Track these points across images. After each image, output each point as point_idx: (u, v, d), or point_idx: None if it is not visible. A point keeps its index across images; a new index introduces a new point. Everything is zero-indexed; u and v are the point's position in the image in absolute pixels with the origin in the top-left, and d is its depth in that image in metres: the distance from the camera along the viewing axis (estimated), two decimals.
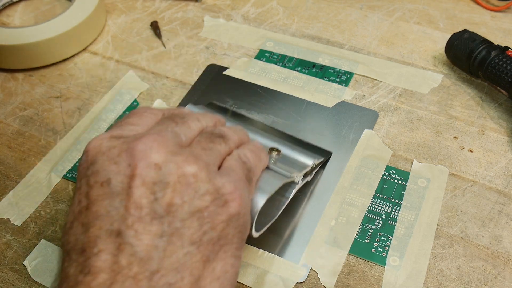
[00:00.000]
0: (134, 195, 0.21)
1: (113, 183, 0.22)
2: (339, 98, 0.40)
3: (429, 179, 0.34)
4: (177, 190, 0.21)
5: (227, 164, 0.25)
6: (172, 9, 0.50)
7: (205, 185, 0.22)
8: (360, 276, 0.30)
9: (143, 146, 0.22)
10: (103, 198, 0.21)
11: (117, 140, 0.23)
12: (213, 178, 0.22)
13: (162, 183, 0.21)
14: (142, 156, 0.22)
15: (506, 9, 0.48)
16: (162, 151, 0.22)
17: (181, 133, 0.25)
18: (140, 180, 0.21)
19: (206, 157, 0.24)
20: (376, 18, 0.48)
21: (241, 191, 0.23)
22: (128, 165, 0.22)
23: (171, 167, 0.22)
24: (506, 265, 0.30)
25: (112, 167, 0.22)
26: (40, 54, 0.43)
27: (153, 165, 0.22)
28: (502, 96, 0.40)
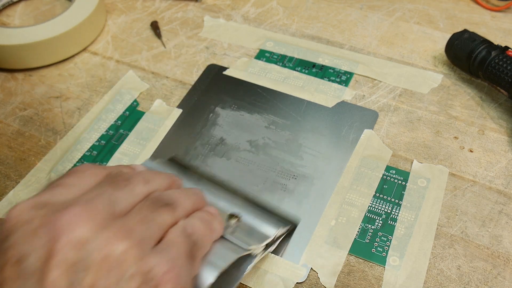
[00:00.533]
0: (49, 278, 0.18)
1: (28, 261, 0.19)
2: (339, 98, 0.40)
3: (429, 179, 0.34)
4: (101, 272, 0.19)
5: (167, 238, 0.22)
6: (172, 9, 0.50)
7: (134, 266, 0.19)
8: (360, 276, 0.30)
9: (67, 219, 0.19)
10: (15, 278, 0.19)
11: (40, 210, 0.20)
12: (144, 257, 0.20)
13: (83, 263, 0.19)
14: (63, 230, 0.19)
15: (506, 9, 0.48)
16: (88, 225, 0.19)
17: (118, 200, 0.22)
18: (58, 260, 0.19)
19: (142, 231, 0.21)
20: (376, 18, 0.48)
21: (178, 270, 0.21)
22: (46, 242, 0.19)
23: (96, 244, 0.19)
24: (506, 265, 0.30)
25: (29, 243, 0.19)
26: (40, 54, 0.43)
27: (75, 242, 0.19)
28: (502, 96, 0.40)
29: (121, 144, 0.38)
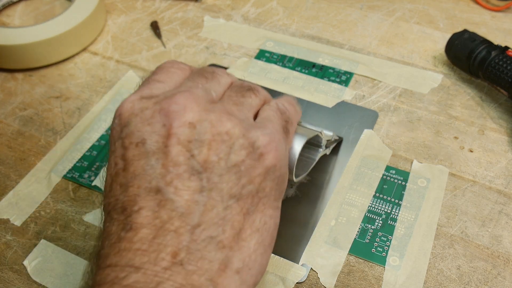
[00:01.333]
0: (171, 153, 0.21)
1: (148, 143, 0.22)
2: (339, 98, 0.40)
3: (429, 179, 0.34)
4: (213, 147, 0.22)
5: (264, 114, 0.25)
6: (172, 9, 0.50)
7: (240, 140, 0.22)
8: (360, 276, 0.30)
9: (176, 106, 0.22)
10: (140, 158, 0.21)
11: (149, 101, 0.23)
12: (247, 132, 0.22)
13: (197, 141, 0.22)
14: (176, 116, 0.22)
15: (506, 9, 0.48)
16: (195, 109, 0.22)
17: (211, 89, 0.24)
18: (176, 139, 0.21)
19: (239, 112, 0.24)
20: (376, 18, 0.48)
21: (277, 142, 0.23)
22: (162, 126, 0.22)
23: (205, 125, 0.22)
24: (506, 265, 0.30)
25: (146, 128, 0.22)
26: (40, 54, 0.43)
27: (188, 124, 0.22)
28: (502, 96, 0.40)
29: None
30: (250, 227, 0.22)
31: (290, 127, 0.26)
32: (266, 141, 0.23)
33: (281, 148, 0.24)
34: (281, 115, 0.25)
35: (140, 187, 0.21)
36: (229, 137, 0.22)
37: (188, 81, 0.25)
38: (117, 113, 0.23)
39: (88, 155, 0.37)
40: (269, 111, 0.25)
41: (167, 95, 0.23)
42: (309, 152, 0.33)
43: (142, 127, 0.22)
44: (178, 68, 0.26)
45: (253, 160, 0.22)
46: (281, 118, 0.25)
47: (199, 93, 0.23)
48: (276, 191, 0.23)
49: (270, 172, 0.23)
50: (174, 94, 0.23)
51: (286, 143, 0.25)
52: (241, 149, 0.22)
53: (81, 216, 0.34)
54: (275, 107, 0.26)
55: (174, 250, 0.20)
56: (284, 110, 0.26)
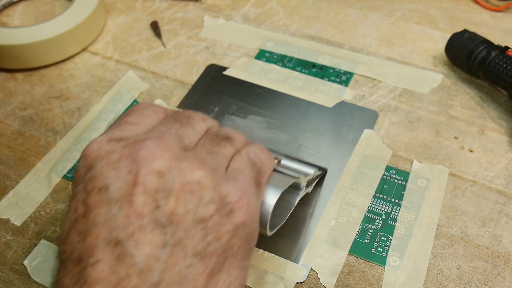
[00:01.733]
0: (135, 202, 0.20)
1: (112, 189, 0.20)
2: (339, 98, 0.40)
3: (429, 179, 0.34)
4: (181, 198, 0.20)
5: (235, 166, 0.24)
6: (172, 9, 0.50)
7: (210, 193, 0.21)
8: (360, 276, 0.30)
9: (145, 152, 0.21)
10: (101, 205, 0.20)
11: (117, 144, 0.22)
12: (218, 184, 0.21)
13: (165, 191, 0.20)
14: (144, 162, 0.21)
15: (506, 9, 0.48)
16: (165, 156, 0.21)
17: (185, 136, 0.23)
18: (142, 188, 0.20)
19: (212, 161, 0.22)
20: (376, 18, 0.48)
21: (248, 197, 0.22)
22: (128, 172, 0.21)
23: (174, 174, 0.21)
24: (506, 265, 0.30)
25: (111, 173, 0.21)
26: (40, 54, 0.43)
27: (156, 172, 0.20)
28: (502, 96, 0.40)
29: None
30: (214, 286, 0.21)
31: (262, 179, 0.25)
32: (238, 196, 0.21)
33: (253, 203, 0.22)
34: (252, 167, 0.24)
35: (99, 237, 0.20)
36: (199, 187, 0.21)
37: (161, 125, 0.24)
38: (83, 153, 0.22)
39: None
40: (240, 162, 0.24)
41: (137, 139, 0.22)
42: (287, 196, 0.30)
43: (107, 172, 0.21)
44: (152, 110, 0.25)
45: (222, 216, 0.21)
46: (253, 170, 0.24)
47: (171, 139, 0.22)
48: (245, 249, 0.22)
49: (240, 229, 0.22)
50: (144, 139, 0.22)
51: (258, 197, 0.24)
52: (210, 203, 0.21)
53: None
54: (246, 158, 0.24)
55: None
56: (255, 161, 0.25)
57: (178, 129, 0.24)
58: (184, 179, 0.21)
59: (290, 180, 0.27)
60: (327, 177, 0.35)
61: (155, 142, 0.21)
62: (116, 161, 0.21)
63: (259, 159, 0.25)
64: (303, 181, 0.30)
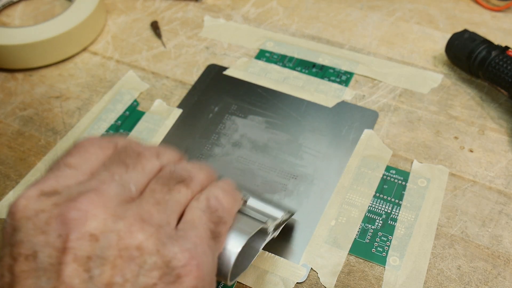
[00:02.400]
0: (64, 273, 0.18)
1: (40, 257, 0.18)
2: (339, 98, 0.40)
3: (429, 179, 0.34)
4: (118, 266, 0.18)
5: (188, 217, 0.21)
6: (172, 9, 0.50)
7: (152, 258, 0.18)
8: (360, 276, 0.30)
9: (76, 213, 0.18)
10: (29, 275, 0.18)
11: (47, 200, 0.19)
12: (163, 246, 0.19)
13: (99, 258, 0.18)
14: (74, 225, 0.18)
15: (506, 9, 0.48)
16: (100, 216, 0.18)
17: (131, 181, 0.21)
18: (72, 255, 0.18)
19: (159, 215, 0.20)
20: (376, 18, 0.48)
21: (199, 259, 0.19)
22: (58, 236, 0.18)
23: (110, 238, 0.18)
24: (506, 265, 0.30)
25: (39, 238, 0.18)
26: (40, 54, 0.43)
27: (89, 236, 0.18)
28: (502, 96, 0.40)
29: None
30: None
31: (221, 229, 0.22)
32: (185, 260, 0.19)
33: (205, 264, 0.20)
34: (210, 216, 0.21)
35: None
36: (139, 253, 0.18)
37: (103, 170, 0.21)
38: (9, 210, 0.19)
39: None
40: (196, 211, 0.21)
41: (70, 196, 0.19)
42: (251, 241, 0.27)
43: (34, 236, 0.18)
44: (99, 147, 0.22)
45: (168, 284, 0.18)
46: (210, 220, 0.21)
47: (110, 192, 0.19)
48: None
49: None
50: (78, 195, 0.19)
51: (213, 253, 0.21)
52: (153, 269, 0.18)
53: None
54: (204, 205, 0.21)
55: None
56: (215, 207, 0.22)
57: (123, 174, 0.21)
58: (122, 244, 0.18)
59: (257, 226, 0.25)
60: (327, 177, 0.35)
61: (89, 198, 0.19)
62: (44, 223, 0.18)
63: (221, 204, 0.22)
64: (270, 226, 0.27)
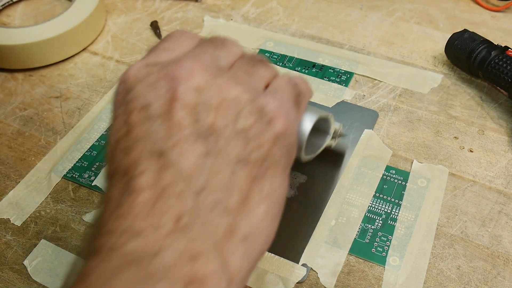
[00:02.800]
0: (176, 116, 0.20)
1: (152, 107, 0.21)
2: (339, 98, 0.40)
3: (429, 179, 0.34)
4: (220, 112, 0.21)
5: (275, 85, 0.24)
6: (172, 9, 0.50)
7: (248, 107, 0.21)
8: (360, 276, 0.30)
9: (183, 70, 0.21)
10: (143, 122, 0.21)
11: (155, 67, 0.22)
12: (256, 98, 0.22)
13: (204, 105, 0.21)
14: (181, 80, 0.21)
15: (506, 9, 0.48)
16: (203, 74, 0.21)
17: (220, 57, 0.24)
18: (181, 103, 0.21)
19: (248, 80, 0.23)
20: (376, 18, 0.48)
21: (287, 109, 0.22)
22: (168, 90, 0.21)
23: (212, 90, 0.21)
24: (506, 265, 0.30)
25: (151, 93, 0.21)
26: (40, 54, 0.43)
27: (194, 88, 0.21)
28: (502, 96, 0.40)
29: None
30: (258, 193, 0.21)
31: (301, 100, 0.25)
32: (276, 107, 0.22)
33: (291, 115, 0.23)
34: (292, 87, 0.24)
35: (143, 150, 0.20)
36: (237, 103, 0.21)
37: (197, 48, 0.24)
38: (122, 78, 0.23)
39: (88, 155, 0.37)
40: (280, 82, 0.24)
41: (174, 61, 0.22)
42: (316, 137, 0.32)
43: (146, 92, 0.21)
44: (188, 37, 0.25)
45: (262, 125, 0.21)
46: (293, 90, 0.24)
47: (207, 59, 0.22)
48: (286, 159, 0.22)
49: (280, 138, 0.22)
50: (180, 59, 0.22)
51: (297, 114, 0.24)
52: (249, 115, 0.21)
53: (81, 216, 0.34)
54: (287, 79, 0.25)
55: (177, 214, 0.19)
56: (296, 84, 0.25)
57: (213, 51, 0.24)
58: (222, 95, 0.21)
59: (324, 113, 0.29)
60: (327, 177, 0.35)
61: (191, 61, 0.22)
62: (154, 82, 0.21)
63: (300, 84, 0.25)
64: (332, 125, 0.32)
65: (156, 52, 0.24)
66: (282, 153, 0.22)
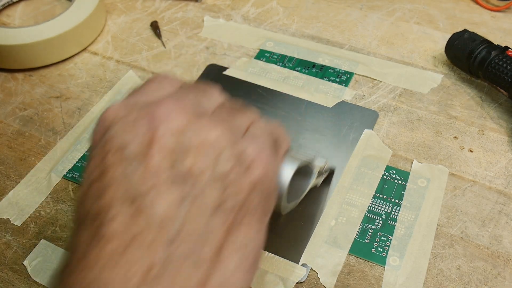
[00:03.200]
0: (153, 160, 0.20)
1: (129, 148, 0.20)
2: (339, 98, 0.40)
3: (429, 179, 0.34)
4: (198, 156, 0.20)
5: (254, 130, 0.24)
6: (172, 9, 0.50)
7: (228, 150, 0.21)
8: (360, 276, 0.30)
9: (163, 110, 0.21)
10: (119, 163, 0.20)
11: (134, 106, 0.22)
12: (235, 142, 0.21)
13: (183, 148, 0.20)
14: (161, 120, 0.21)
15: (506, 9, 0.48)
16: (183, 115, 0.21)
17: (202, 102, 0.23)
18: (159, 146, 0.20)
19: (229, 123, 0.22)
20: (376, 18, 0.48)
21: (266, 156, 0.22)
22: (146, 131, 0.20)
23: (191, 133, 0.21)
24: (506, 265, 0.30)
25: (129, 133, 0.21)
26: (40, 54, 0.43)
27: (174, 130, 0.20)
28: (502, 96, 0.40)
29: None
30: (232, 244, 0.20)
31: (280, 147, 0.25)
32: (255, 152, 0.21)
33: (271, 160, 0.22)
34: (269, 135, 0.24)
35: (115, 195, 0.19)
36: (216, 145, 0.21)
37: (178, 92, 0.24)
38: (100, 118, 0.22)
39: (88, 155, 0.37)
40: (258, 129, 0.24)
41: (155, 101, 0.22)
42: (298, 181, 0.30)
43: (124, 132, 0.21)
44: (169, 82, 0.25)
45: (241, 171, 0.21)
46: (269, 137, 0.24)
47: (188, 103, 0.22)
48: (263, 207, 0.22)
49: (258, 185, 0.21)
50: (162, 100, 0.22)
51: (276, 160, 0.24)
52: (228, 159, 0.21)
53: None
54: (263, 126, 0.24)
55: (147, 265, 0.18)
56: (272, 131, 0.25)
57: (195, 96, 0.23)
58: (201, 138, 0.21)
59: (305, 158, 0.28)
60: (327, 177, 0.35)
61: (172, 102, 0.21)
62: (133, 121, 0.21)
63: (276, 132, 0.25)
64: (316, 166, 0.30)
65: (137, 94, 0.24)
66: (259, 200, 0.22)
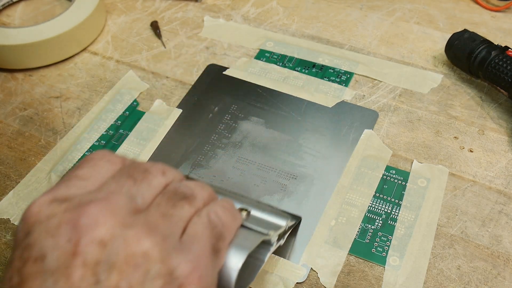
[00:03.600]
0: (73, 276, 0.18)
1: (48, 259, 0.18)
2: (339, 98, 0.40)
3: (429, 179, 0.34)
4: (124, 272, 0.18)
5: (191, 231, 0.22)
6: (172, 9, 0.50)
7: (157, 266, 0.19)
8: (360, 276, 0.30)
9: (87, 219, 0.19)
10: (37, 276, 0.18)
11: (59, 206, 0.20)
12: (167, 256, 0.19)
13: (107, 263, 0.18)
14: (85, 230, 0.19)
15: (506, 9, 0.48)
16: (110, 223, 0.19)
17: (138, 195, 0.21)
18: (81, 260, 0.18)
19: (164, 227, 0.20)
20: (376, 18, 0.48)
21: (201, 270, 0.20)
22: (68, 240, 0.19)
23: (118, 244, 0.19)
24: (506, 265, 0.30)
25: (49, 241, 0.19)
26: (40, 54, 0.43)
27: (98, 242, 0.19)
28: (502, 96, 0.40)
29: (121, 144, 0.38)
30: None
31: (221, 244, 0.23)
32: (188, 270, 0.20)
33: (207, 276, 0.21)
34: (211, 231, 0.22)
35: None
36: (145, 260, 0.19)
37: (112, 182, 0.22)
38: (23, 216, 0.20)
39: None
40: (198, 225, 0.22)
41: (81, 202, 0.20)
42: (256, 252, 0.27)
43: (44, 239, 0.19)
44: (108, 161, 0.23)
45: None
46: (211, 235, 0.22)
47: (119, 202, 0.20)
48: None
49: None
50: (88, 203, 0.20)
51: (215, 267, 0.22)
52: (157, 278, 0.19)
53: None
54: (205, 221, 0.22)
55: None
56: (216, 223, 0.23)
57: (131, 187, 0.22)
58: (129, 250, 0.19)
59: (258, 239, 0.25)
60: (328, 176, 0.35)
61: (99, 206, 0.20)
62: (55, 227, 0.19)
63: (221, 221, 0.23)
64: (273, 237, 0.27)
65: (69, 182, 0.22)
66: None
